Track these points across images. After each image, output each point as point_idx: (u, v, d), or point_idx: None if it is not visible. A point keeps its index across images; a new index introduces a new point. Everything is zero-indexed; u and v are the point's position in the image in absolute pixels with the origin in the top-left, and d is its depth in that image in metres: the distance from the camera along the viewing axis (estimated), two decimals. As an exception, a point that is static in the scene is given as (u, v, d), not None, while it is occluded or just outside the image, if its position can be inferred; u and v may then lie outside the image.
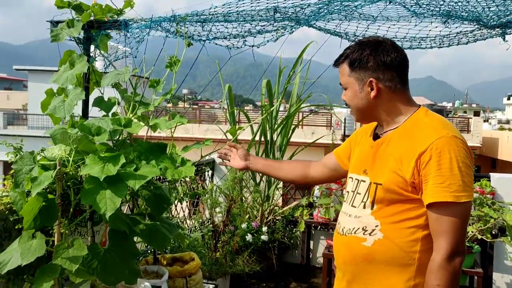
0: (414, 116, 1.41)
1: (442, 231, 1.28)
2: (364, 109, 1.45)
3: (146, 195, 2.14)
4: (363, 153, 1.52)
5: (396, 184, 1.35)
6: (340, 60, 1.47)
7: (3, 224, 2.05)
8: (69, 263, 1.69)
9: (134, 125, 1.95)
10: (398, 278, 1.36)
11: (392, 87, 1.40)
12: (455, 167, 1.26)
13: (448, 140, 1.29)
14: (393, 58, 1.39)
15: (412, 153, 1.32)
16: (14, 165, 1.77)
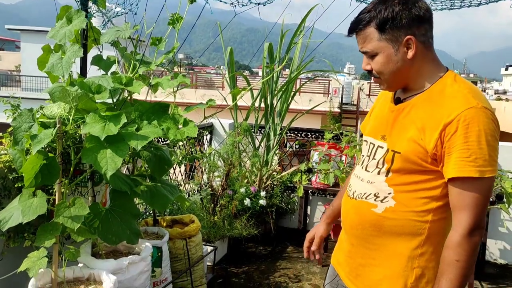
0: (442, 81, 1.30)
1: (464, 206, 1.22)
2: (399, 73, 1.30)
3: (147, 156, 2.12)
4: (382, 117, 1.42)
5: (416, 155, 1.27)
6: (360, 25, 1.29)
7: (2, 183, 2.02)
8: (70, 221, 1.68)
9: (135, 84, 1.90)
10: (405, 246, 1.33)
11: (426, 42, 1.29)
12: (483, 140, 1.18)
13: (477, 111, 1.19)
14: (425, 9, 1.27)
15: (437, 123, 1.23)
16: (13, 122, 1.73)
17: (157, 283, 2.30)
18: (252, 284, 3.40)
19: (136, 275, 1.99)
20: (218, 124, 4.64)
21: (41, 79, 20.31)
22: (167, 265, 2.36)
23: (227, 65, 4.29)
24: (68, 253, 1.78)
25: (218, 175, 3.97)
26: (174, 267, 2.51)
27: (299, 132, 4.83)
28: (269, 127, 4.35)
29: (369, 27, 1.28)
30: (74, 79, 2.08)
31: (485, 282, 3.69)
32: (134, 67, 2.08)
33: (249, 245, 4.22)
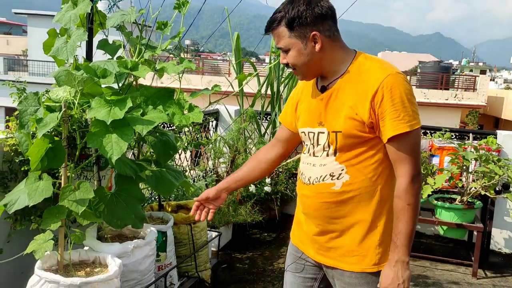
0: (356, 62, 1.47)
1: (404, 158, 1.41)
2: (311, 64, 1.47)
3: (152, 141, 2.12)
4: (313, 106, 1.56)
5: (355, 128, 1.43)
6: (274, 24, 1.46)
7: (8, 166, 2.03)
8: (76, 205, 1.69)
9: (141, 69, 1.89)
10: (366, 211, 1.49)
11: (331, 36, 1.45)
12: (405, 100, 1.38)
13: (395, 76, 1.39)
14: (327, 8, 1.43)
15: (365, 96, 1.40)
16: (18, 105, 1.73)
17: (161, 267, 2.32)
18: (256, 270, 3.42)
19: (141, 259, 2.01)
20: (224, 111, 4.63)
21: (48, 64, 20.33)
22: (171, 250, 2.38)
23: (234, 51, 4.27)
24: (74, 236, 1.79)
25: (224, 161, 3.97)
26: (179, 251, 2.53)
27: (305, 119, 4.81)
28: (275, 114, 4.33)
29: (281, 26, 1.44)
30: (79, 63, 2.08)
31: (489, 271, 3.69)
32: (140, 52, 2.07)
33: (254, 231, 4.24)
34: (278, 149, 1.75)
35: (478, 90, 18.10)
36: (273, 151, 1.76)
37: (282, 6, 1.45)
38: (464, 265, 3.71)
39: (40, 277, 1.68)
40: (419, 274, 3.54)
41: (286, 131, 1.72)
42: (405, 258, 1.43)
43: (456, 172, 3.46)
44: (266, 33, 1.53)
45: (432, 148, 4.00)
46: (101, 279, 1.72)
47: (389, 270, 1.44)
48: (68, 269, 1.84)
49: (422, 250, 4.07)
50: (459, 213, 3.47)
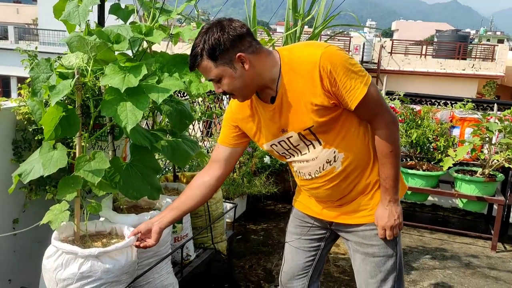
0: (284, 60, 1.47)
1: (375, 113, 1.48)
2: (247, 83, 1.46)
3: (167, 111, 2.05)
4: (269, 120, 1.55)
5: (324, 116, 1.47)
6: (197, 60, 1.43)
7: (22, 135, 1.99)
8: (91, 175, 1.64)
9: (155, 34, 1.80)
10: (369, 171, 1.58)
11: (255, 50, 1.44)
12: (347, 68, 1.40)
13: (325, 53, 1.39)
14: (240, 27, 1.42)
15: (313, 85, 1.42)
16: (30, 72, 1.67)
17: (178, 239, 2.29)
18: (271, 242, 3.40)
19: (158, 230, 1.97)
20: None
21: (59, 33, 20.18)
22: (187, 221, 2.35)
23: (249, 18, 4.12)
24: (90, 207, 1.75)
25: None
26: (195, 223, 2.50)
27: (320, 89, 4.69)
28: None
29: (204, 59, 1.42)
30: (92, 28, 2.00)
31: (508, 245, 3.64)
32: (154, 17, 1.97)
33: (268, 203, 4.21)
34: (215, 171, 1.70)
35: (497, 60, 17.62)
36: (209, 174, 1.71)
37: (198, 39, 1.43)
38: (482, 238, 3.66)
39: (57, 248, 1.65)
40: (437, 247, 3.50)
41: (225, 149, 1.69)
42: (395, 196, 1.57)
43: (479, 144, 3.36)
44: (191, 71, 1.52)
45: (453, 119, 3.89)
46: (118, 247, 1.69)
47: (383, 209, 1.57)
48: (84, 240, 1.81)
49: (440, 222, 4.02)
50: (480, 186, 3.38)
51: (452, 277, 3.03)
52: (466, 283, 2.95)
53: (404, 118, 3.69)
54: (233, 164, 1.75)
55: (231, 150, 1.69)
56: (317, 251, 1.81)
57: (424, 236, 3.71)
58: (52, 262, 1.64)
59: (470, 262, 3.27)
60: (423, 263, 3.21)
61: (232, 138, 1.68)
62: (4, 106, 1.93)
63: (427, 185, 3.58)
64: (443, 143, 3.49)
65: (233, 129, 1.66)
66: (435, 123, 3.67)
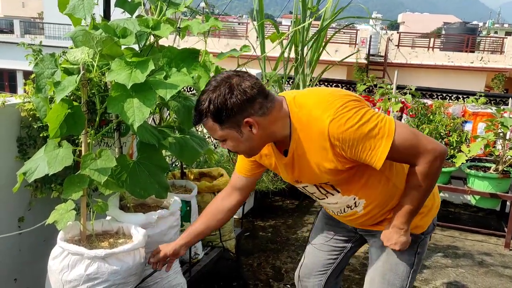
0: (292, 116, 1.36)
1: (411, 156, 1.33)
2: (253, 145, 1.38)
3: (175, 107, 2.00)
4: (282, 168, 1.51)
5: (338, 175, 1.39)
6: (202, 119, 1.35)
7: (27, 132, 1.95)
8: (97, 174, 1.59)
9: (163, 28, 1.74)
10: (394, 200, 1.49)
11: (265, 112, 1.32)
12: (361, 133, 1.26)
13: (336, 123, 1.27)
14: (251, 87, 1.29)
15: (325, 150, 1.33)
16: (34, 67, 1.62)
17: (186, 237, 2.24)
18: (279, 239, 3.36)
19: (166, 229, 1.93)
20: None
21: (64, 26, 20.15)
22: (196, 219, 2.30)
23: (256, 12, 4.05)
24: (96, 206, 1.71)
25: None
26: (203, 221, 2.45)
27: (329, 83, 4.62)
28: (298, 78, 4.15)
29: (208, 120, 1.33)
30: (97, 22, 1.94)
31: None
32: (161, 10, 1.91)
33: (276, 199, 4.16)
34: (236, 197, 1.70)
35: (506, 53, 17.39)
36: (230, 199, 1.70)
37: (204, 95, 1.32)
38: (495, 236, 3.59)
39: (63, 248, 1.61)
40: (449, 245, 3.44)
41: (243, 179, 1.67)
42: (402, 226, 1.45)
43: (493, 139, 3.28)
44: (195, 125, 1.45)
45: (465, 114, 3.81)
46: (126, 250, 1.64)
47: (386, 231, 1.50)
48: (91, 239, 1.77)
49: (451, 219, 3.96)
50: (493, 182, 3.31)
51: (465, 275, 2.97)
52: (480, 282, 2.89)
53: (416, 113, 3.61)
54: (252, 189, 1.75)
55: (247, 181, 1.67)
56: (341, 251, 1.77)
57: (436, 233, 3.65)
58: (58, 263, 1.60)
59: (483, 260, 3.20)
60: (435, 261, 3.15)
61: (249, 170, 1.64)
62: (8, 103, 1.89)
63: (439, 181, 3.50)
64: (455, 138, 3.42)
65: (251, 161, 1.60)
66: (447, 118, 3.59)
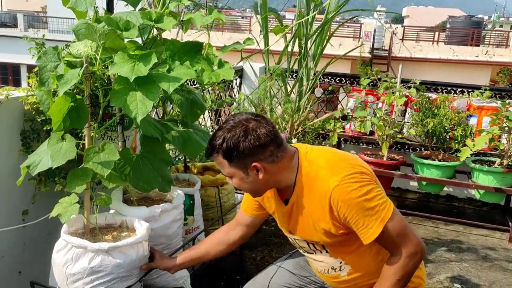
0: (301, 169, 1.40)
1: (395, 244, 1.35)
2: (257, 188, 1.44)
3: (178, 100, 1.99)
4: (280, 215, 1.54)
5: (330, 238, 1.41)
6: (213, 153, 1.40)
7: (30, 125, 1.95)
8: (100, 167, 1.59)
9: (166, 20, 1.73)
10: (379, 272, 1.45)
11: (275, 160, 1.37)
12: (363, 204, 1.29)
13: (340, 189, 1.30)
14: (266, 135, 1.34)
15: (322, 211, 1.36)
16: (37, 61, 1.61)
17: (189, 231, 2.25)
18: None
19: (169, 223, 1.93)
20: (249, 68, 4.45)
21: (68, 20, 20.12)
22: (199, 213, 2.30)
23: (259, 5, 4.02)
24: (100, 199, 1.71)
25: (249, 121, 3.83)
26: (206, 215, 2.46)
27: (332, 77, 4.60)
28: (302, 72, 4.13)
29: (219, 156, 1.38)
30: (100, 15, 1.93)
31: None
32: (164, 3, 1.90)
33: (279, 193, 4.16)
34: (239, 232, 1.75)
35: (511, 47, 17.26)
36: (233, 234, 1.75)
37: (219, 134, 1.38)
38: (500, 230, 3.57)
39: (67, 241, 1.61)
40: (453, 239, 3.43)
41: (247, 217, 1.71)
42: None
43: (498, 134, 3.26)
44: (207, 157, 1.50)
45: (470, 108, 3.78)
46: (129, 243, 1.65)
47: None
48: (94, 233, 1.77)
49: (455, 213, 3.95)
50: (498, 176, 3.29)
51: (469, 270, 2.96)
52: (484, 277, 2.88)
53: (420, 107, 3.59)
54: (258, 225, 1.78)
55: (251, 220, 1.71)
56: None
57: (439, 227, 3.64)
58: (62, 256, 1.61)
59: (487, 255, 3.19)
60: (439, 255, 3.14)
61: (253, 210, 1.68)
62: (12, 96, 1.89)
63: (443, 175, 3.49)
64: (460, 132, 3.40)
65: (254, 202, 1.65)
66: (451, 112, 3.56)
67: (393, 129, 3.59)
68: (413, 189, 4.45)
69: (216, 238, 1.78)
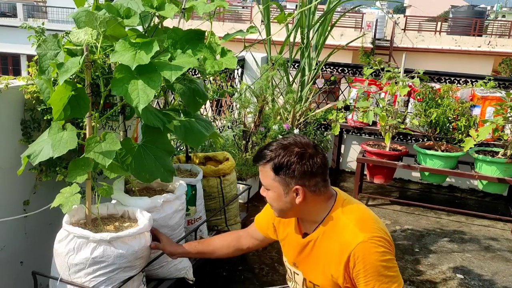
0: (333, 213, 1.42)
1: None
2: (288, 210, 1.44)
3: (180, 89, 1.97)
4: (291, 244, 1.54)
5: (333, 287, 1.40)
6: (261, 161, 1.42)
7: (30, 114, 1.92)
8: (102, 157, 1.58)
9: (167, 8, 1.70)
10: None
11: (316, 191, 1.40)
12: (380, 268, 1.31)
13: (366, 245, 1.32)
14: (318, 165, 1.38)
15: (338, 259, 1.35)
16: (37, 49, 1.58)
17: (191, 222, 2.23)
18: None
19: (171, 213, 1.91)
20: (250, 58, 4.41)
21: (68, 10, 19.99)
22: (201, 204, 2.29)
23: (261, -7, 3.97)
24: (101, 190, 1.69)
25: (250, 111, 3.81)
26: (208, 205, 2.44)
27: (335, 67, 4.56)
28: (304, 62, 4.10)
29: (267, 166, 1.40)
30: (100, 3, 1.90)
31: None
32: (166, -11, 1.86)
33: (281, 183, 4.14)
34: (249, 243, 1.78)
35: (514, 37, 17.14)
36: (244, 243, 1.78)
37: (274, 147, 1.41)
38: (502, 221, 3.57)
39: (69, 232, 1.60)
40: (455, 230, 3.42)
41: (258, 233, 1.73)
42: None
43: (502, 124, 3.23)
44: (254, 164, 1.50)
45: (474, 98, 3.75)
46: (131, 233, 1.64)
47: None
48: (96, 223, 1.76)
49: (457, 204, 3.94)
50: (501, 167, 3.27)
51: (471, 260, 2.96)
52: (486, 267, 2.88)
53: (423, 97, 3.56)
54: (268, 243, 1.80)
55: (260, 237, 1.73)
56: None
57: (442, 218, 3.63)
58: (64, 247, 1.60)
59: (489, 245, 3.19)
60: (441, 246, 3.14)
61: (267, 230, 1.68)
62: (11, 85, 1.86)
63: (446, 166, 3.47)
64: (464, 123, 3.37)
65: (271, 225, 1.65)
66: (455, 102, 3.53)
67: (396, 120, 3.56)
68: (415, 180, 4.43)
69: (227, 240, 1.81)
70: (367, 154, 3.76)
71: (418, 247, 3.09)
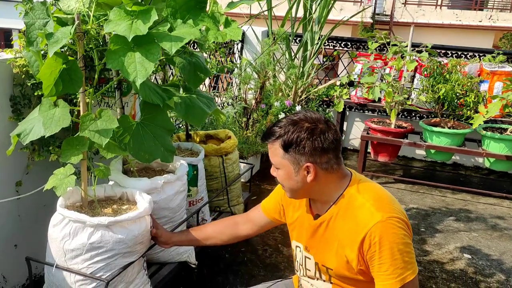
0: (347, 193, 1.34)
1: None
2: (299, 190, 1.37)
3: (180, 63, 1.84)
4: (303, 226, 1.46)
5: (347, 270, 1.34)
6: (270, 139, 1.34)
7: (20, 90, 1.80)
8: (98, 136, 1.46)
9: (166, -27, 1.56)
10: None
11: (328, 168, 1.33)
12: (396, 252, 1.24)
13: (383, 225, 1.24)
14: (330, 141, 1.30)
15: (354, 239, 1.28)
16: (25, 17, 1.45)
17: (192, 203, 2.14)
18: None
19: (172, 195, 1.82)
20: (251, 32, 4.25)
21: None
22: (203, 184, 2.19)
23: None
24: (98, 171, 1.59)
25: (251, 87, 3.68)
26: (210, 185, 2.35)
27: (338, 41, 4.41)
28: (307, 36, 3.94)
29: (276, 143, 1.33)
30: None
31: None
32: (163, -46, 1.72)
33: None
34: (247, 229, 1.68)
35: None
36: (241, 228, 1.68)
37: (283, 123, 1.33)
38: (508, 199, 3.50)
39: (64, 216, 1.50)
40: (461, 208, 3.35)
41: (264, 218, 1.64)
42: None
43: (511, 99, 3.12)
44: (262, 141, 1.43)
45: (482, 73, 3.63)
46: (131, 217, 1.54)
47: None
48: (93, 206, 1.66)
49: (462, 182, 3.86)
50: (510, 144, 3.18)
51: (478, 239, 2.89)
52: (494, 246, 2.82)
53: (431, 72, 3.44)
54: (267, 229, 1.71)
55: (265, 221, 1.64)
56: None
57: (447, 196, 3.56)
58: (59, 231, 1.50)
59: (496, 224, 3.12)
60: (447, 225, 3.07)
61: (275, 213, 1.60)
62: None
63: (453, 143, 3.38)
64: (472, 99, 3.26)
65: (279, 206, 1.58)
66: (463, 77, 3.41)
67: (402, 96, 3.45)
68: (419, 158, 4.35)
69: (222, 227, 1.71)
70: (371, 131, 3.65)
71: (424, 227, 3.03)
